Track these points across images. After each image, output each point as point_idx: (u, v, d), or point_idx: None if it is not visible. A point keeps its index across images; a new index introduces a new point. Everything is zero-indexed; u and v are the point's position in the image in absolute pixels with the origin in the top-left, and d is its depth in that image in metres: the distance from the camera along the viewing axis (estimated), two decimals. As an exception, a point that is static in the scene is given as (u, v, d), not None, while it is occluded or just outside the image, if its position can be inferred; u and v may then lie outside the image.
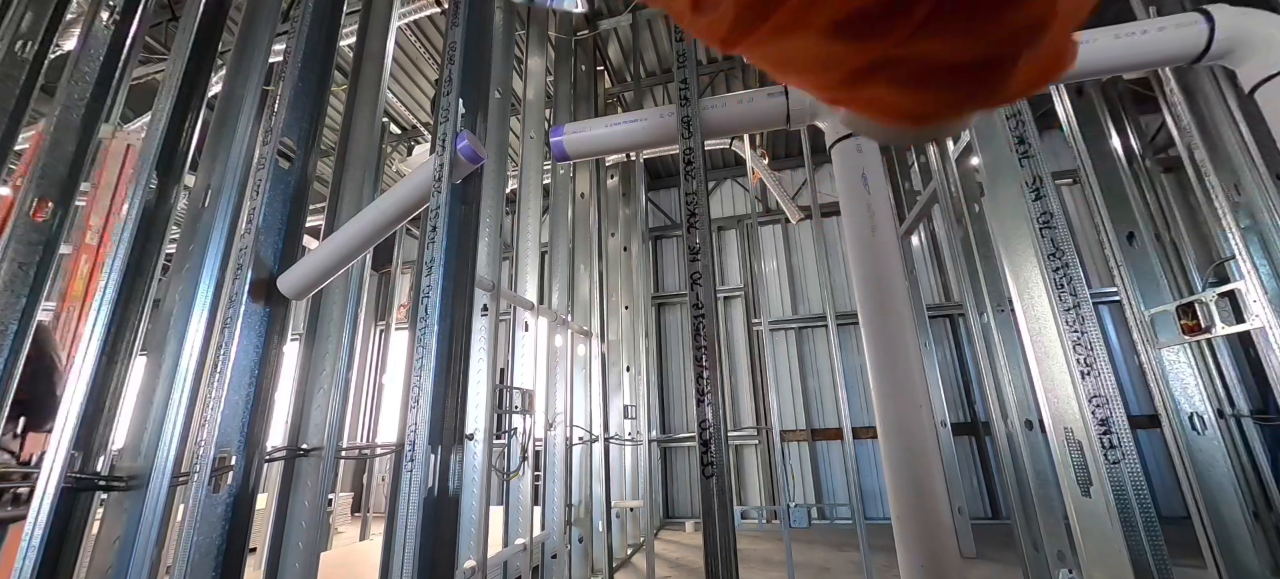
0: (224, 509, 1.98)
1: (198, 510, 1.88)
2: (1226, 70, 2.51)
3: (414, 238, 9.51)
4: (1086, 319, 1.86)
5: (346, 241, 2.25)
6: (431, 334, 2.12)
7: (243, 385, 2.12)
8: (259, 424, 2.14)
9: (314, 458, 2.56)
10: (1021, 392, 3.42)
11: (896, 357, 1.98)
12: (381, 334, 9.00)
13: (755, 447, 7.86)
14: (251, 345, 2.16)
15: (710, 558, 1.97)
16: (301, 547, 2.45)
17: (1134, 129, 3.84)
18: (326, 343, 2.68)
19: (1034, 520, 3.27)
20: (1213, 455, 2.63)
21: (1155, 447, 6.34)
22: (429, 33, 5.92)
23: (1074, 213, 7.45)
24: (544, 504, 4.18)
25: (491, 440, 3.15)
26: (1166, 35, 2.26)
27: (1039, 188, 2.05)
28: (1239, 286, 2.42)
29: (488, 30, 3.06)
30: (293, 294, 2.30)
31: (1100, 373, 1.80)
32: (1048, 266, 1.95)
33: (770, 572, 5.05)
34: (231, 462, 2.02)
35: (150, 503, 2.01)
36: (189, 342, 2.26)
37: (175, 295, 2.32)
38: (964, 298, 3.99)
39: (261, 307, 2.22)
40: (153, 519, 1.98)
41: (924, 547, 1.90)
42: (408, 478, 2.02)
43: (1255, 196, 2.46)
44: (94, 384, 2.05)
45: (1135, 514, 1.72)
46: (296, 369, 2.68)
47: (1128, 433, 1.76)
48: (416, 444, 2.04)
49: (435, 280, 2.15)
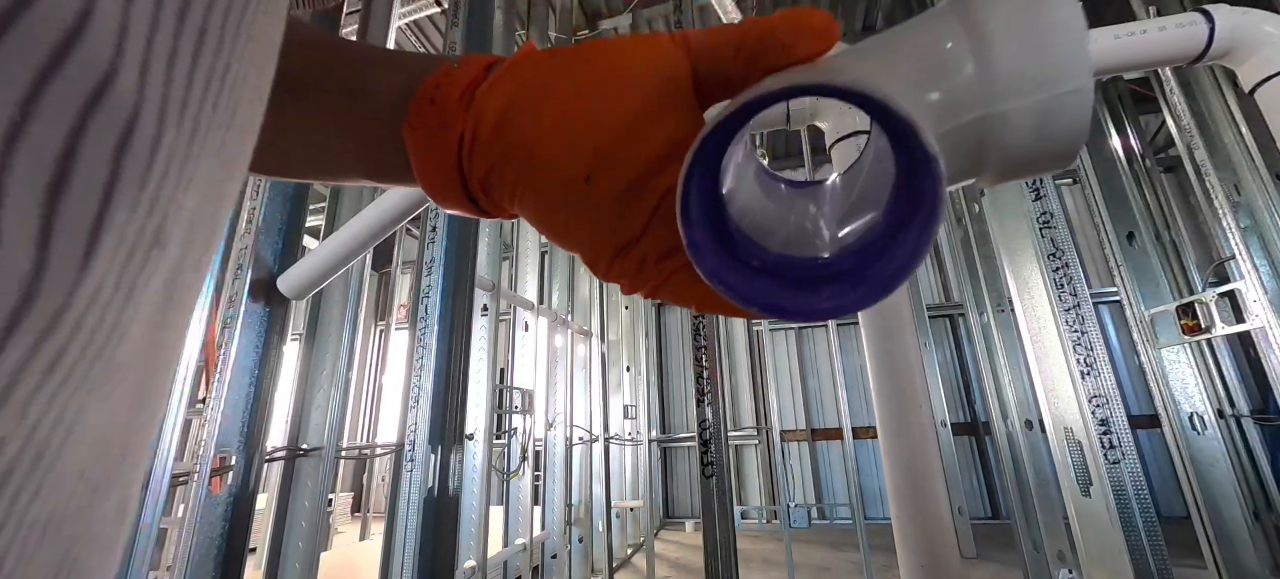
0: (224, 509, 1.98)
1: (197, 510, 1.88)
2: (1226, 70, 2.51)
3: (414, 238, 9.52)
4: (1086, 319, 1.86)
5: (346, 241, 2.25)
6: (431, 334, 2.12)
7: (243, 385, 2.12)
8: (259, 424, 2.14)
9: (314, 458, 2.56)
10: (1021, 392, 3.42)
11: (896, 357, 1.98)
12: (381, 334, 9.00)
13: (755, 447, 7.85)
14: (251, 345, 2.17)
15: (710, 558, 1.97)
16: (301, 547, 2.45)
17: (1134, 129, 3.84)
18: (326, 343, 2.68)
19: (1034, 520, 3.27)
20: (1213, 455, 2.63)
21: (1155, 447, 6.34)
22: (429, 33, 5.92)
23: (1074, 213, 7.45)
24: (544, 504, 4.18)
25: (491, 440, 3.15)
26: (1166, 35, 2.26)
27: (1039, 188, 2.05)
28: (1239, 286, 2.42)
29: (487, 30, 3.06)
30: (293, 294, 2.30)
31: (1100, 373, 1.80)
32: (1048, 267, 1.95)
33: (770, 572, 5.05)
34: (231, 462, 2.02)
35: (150, 503, 2.01)
36: (188, 342, 2.26)
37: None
38: (964, 298, 4.00)
39: (261, 307, 2.22)
40: (152, 519, 1.98)
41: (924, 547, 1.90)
42: (408, 478, 2.02)
43: (1255, 197, 2.46)
44: (94, 384, 2.04)
45: (1135, 514, 1.72)
46: (296, 369, 2.68)
47: (1128, 433, 1.76)
48: (416, 444, 2.04)
49: (435, 280, 2.15)
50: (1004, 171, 0.21)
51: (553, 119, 0.23)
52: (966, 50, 0.19)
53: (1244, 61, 2.19)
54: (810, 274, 0.23)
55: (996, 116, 0.19)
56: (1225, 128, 2.61)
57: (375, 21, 3.13)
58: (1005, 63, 0.19)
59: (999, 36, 0.19)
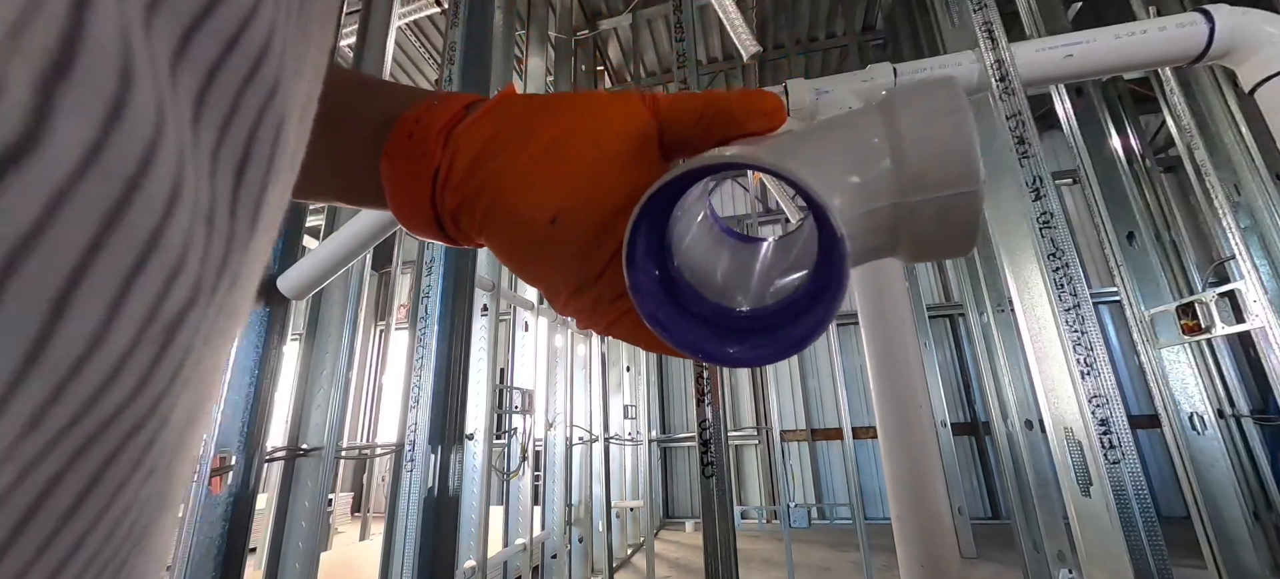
0: (224, 509, 1.98)
1: (198, 510, 1.88)
2: (1226, 70, 2.51)
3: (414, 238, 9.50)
4: (1086, 319, 1.86)
5: (346, 241, 2.25)
6: (431, 334, 2.13)
7: (243, 385, 2.12)
8: (259, 424, 2.14)
9: (314, 458, 2.56)
10: (1021, 392, 3.42)
11: (896, 357, 1.98)
12: (381, 334, 9.00)
13: (755, 447, 7.85)
14: (251, 345, 2.17)
15: (710, 558, 1.97)
16: (301, 547, 2.45)
17: (1134, 129, 3.84)
18: (326, 343, 2.68)
19: (1034, 520, 3.27)
20: (1213, 455, 2.63)
21: (1155, 447, 6.34)
22: (429, 33, 5.92)
23: (1074, 213, 7.45)
24: (544, 504, 4.18)
25: (491, 440, 3.15)
26: (1166, 35, 2.25)
27: (1039, 188, 2.05)
28: (1239, 286, 2.42)
29: (487, 30, 3.06)
30: (293, 294, 2.30)
31: (1100, 373, 1.80)
32: (1048, 266, 1.95)
33: (770, 572, 5.05)
34: (231, 462, 2.02)
35: (150, 503, 2.01)
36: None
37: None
38: (964, 298, 3.99)
39: (261, 307, 2.22)
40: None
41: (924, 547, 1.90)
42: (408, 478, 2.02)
43: (1255, 197, 2.46)
44: (94, 384, 2.04)
45: (1135, 514, 1.72)
46: (296, 369, 2.68)
47: (1128, 433, 1.76)
48: (416, 444, 2.04)
49: (435, 280, 2.16)
50: (915, 252, 0.24)
51: (526, 163, 0.24)
52: (885, 148, 0.22)
53: (1244, 61, 2.19)
54: (739, 325, 0.26)
55: (906, 206, 0.22)
56: (1225, 128, 2.60)
57: (375, 21, 3.13)
58: (912, 164, 0.22)
59: (909, 141, 0.22)
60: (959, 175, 0.21)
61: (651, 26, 6.27)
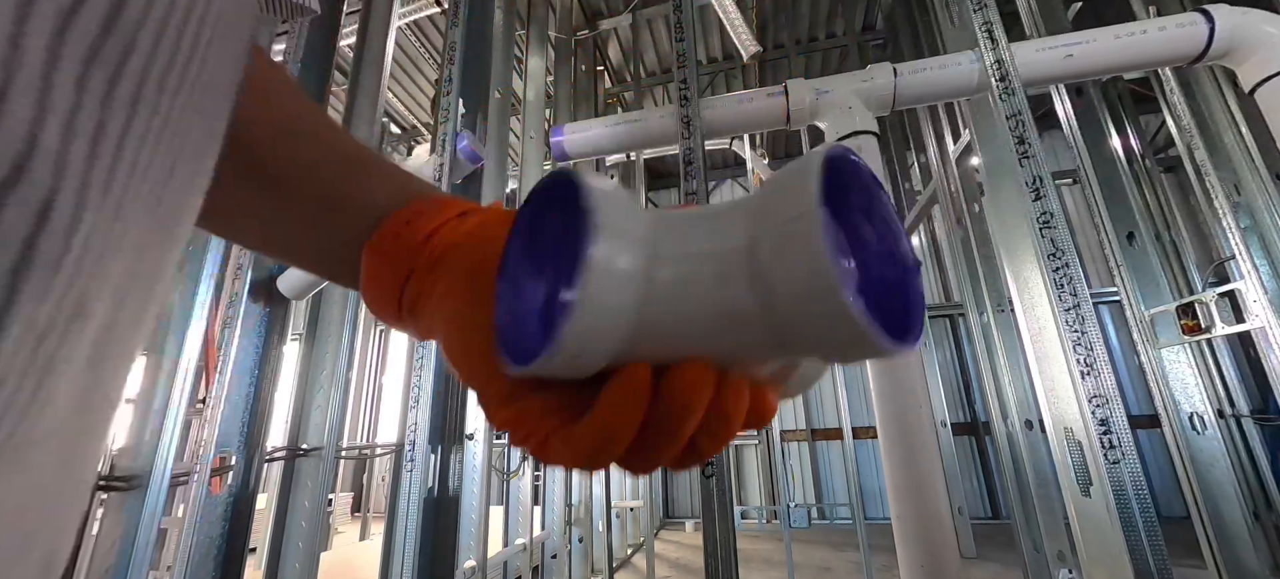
0: (224, 509, 1.98)
1: (197, 510, 1.88)
2: (1226, 70, 2.51)
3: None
4: (1086, 319, 1.86)
5: (346, 242, 2.25)
6: (431, 334, 2.12)
7: (243, 385, 2.12)
8: (259, 424, 2.14)
9: (314, 458, 2.56)
10: (1021, 392, 3.42)
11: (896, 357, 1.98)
12: (381, 334, 9.00)
13: (755, 447, 7.85)
14: (251, 345, 2.17)
15: (710, 558, 1.97)
16: (301, 547, 2.45)
17: (1134, 129, 3.84)
18: (326, 343, 2.68)
19: (1034, 520, 3.27)
20: (1213, 455, 2.63)
21: (1155, 447, 6.34)
22: (429, 33, 5.92)
23: (1074, 213, 7.44)
24: (544, 504, 4.18)
25: (491, 440, 3.15)
26: (1166, 35, 2.26)
27: (1039, 188, 2.05)
28: (1239, 286, 2.42)
29: (487, 30, 3.06)
30: (293, 294, 2.30)
31: (1100, 373, 1.80)
32: (1048, 266, 1.95)
33: (770, 572, 5.05)
34: (231, 462, 2.02)
35: (150, 503, 2.01)
36: (189, 342, 2.26)
37: (175, 296, 2.32)
38: (964, 298, 3.99)
39: (261, 307, 2.22)
40: (152, 520, 1.99)
41: (924, 547, 1.90)
42: (408, 478, 2.02)
43: (1255, 197, 2.45)
44: (94, 384, 2.04)
45: (1135, 514, 1.72)
46: (296, 369, 2.68)
47: (1127, 433, 1.76)
48: (416, 444, 2.04)
49: (435, 280, 2.15)
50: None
51: (481, 281, 0.25)
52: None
53: (1244, 61, 2.19)
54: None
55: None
56: (1225, 128, 2.60)
57: (375, 21, 3.13)
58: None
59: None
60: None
61: (651, 26, 6.27)
